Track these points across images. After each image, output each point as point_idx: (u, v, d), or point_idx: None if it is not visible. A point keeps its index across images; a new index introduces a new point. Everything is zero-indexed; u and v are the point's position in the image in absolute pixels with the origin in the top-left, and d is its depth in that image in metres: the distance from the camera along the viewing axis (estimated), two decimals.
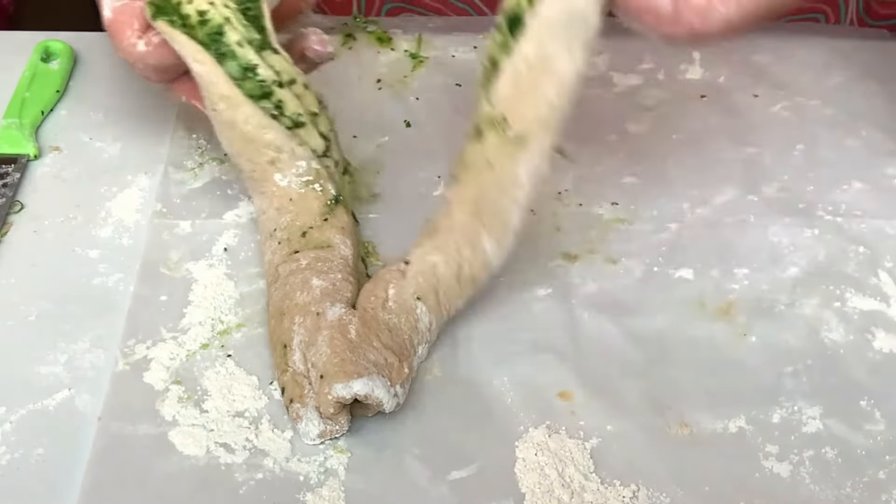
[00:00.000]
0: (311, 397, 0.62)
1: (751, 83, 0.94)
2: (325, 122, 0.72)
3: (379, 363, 0.62)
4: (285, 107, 0.69)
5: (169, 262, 0.72)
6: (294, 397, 0.63)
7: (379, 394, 0.60)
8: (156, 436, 0.61)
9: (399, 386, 0.62)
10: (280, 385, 0.64)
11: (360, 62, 0.93)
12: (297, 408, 0.62)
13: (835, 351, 0.69)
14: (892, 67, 0.96)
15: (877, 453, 0.63)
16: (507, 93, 0.61)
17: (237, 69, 0.67)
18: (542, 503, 0.59)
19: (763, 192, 0.81)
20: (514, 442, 0.63)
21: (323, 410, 0.61)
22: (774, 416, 0.65)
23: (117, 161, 0.80)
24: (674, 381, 0.67)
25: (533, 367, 0.67)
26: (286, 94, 0.69)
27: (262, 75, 0.68)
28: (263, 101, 0.68)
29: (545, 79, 0.60)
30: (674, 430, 0.64)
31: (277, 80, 0.68)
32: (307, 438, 0.62)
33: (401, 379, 0.63)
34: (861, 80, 0.94)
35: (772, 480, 0.62)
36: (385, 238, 0.76)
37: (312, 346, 0.63)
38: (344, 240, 0.70)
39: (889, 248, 0.77)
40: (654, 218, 0.79)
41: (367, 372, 0.61)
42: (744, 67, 0.95)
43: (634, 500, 0.60)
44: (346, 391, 0.60)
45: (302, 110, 0.70)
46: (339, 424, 0.62)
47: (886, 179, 0.83)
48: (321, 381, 0.61)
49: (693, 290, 0.73)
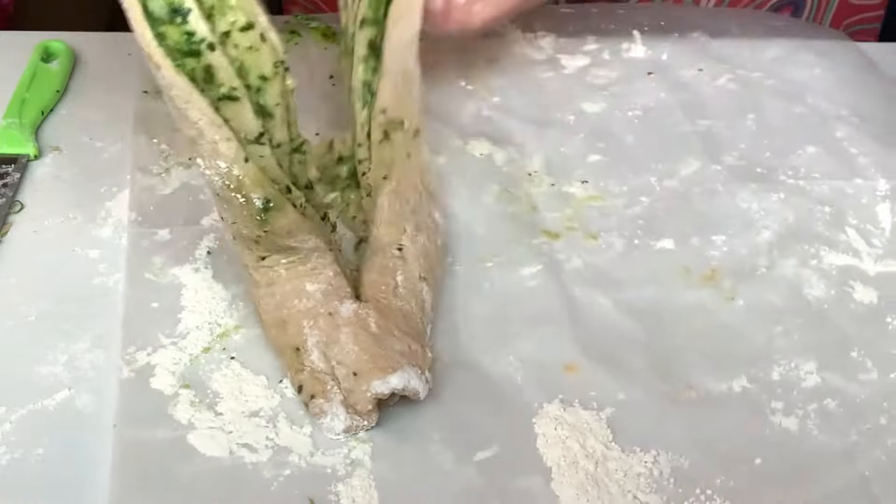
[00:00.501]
0: (334, 393, 0.61)
1: (693, 59, 0.97)
2: (275, 91, 0.61)
3: (405, 352, 0.62)
4: (216, 74, 0.57)
5: (153, 267, 0.71)
6: (316, 393, 0.62)
7: (415, 384, 0.61)
8: (174, 439, 0.60)
9: (427, 371, 0.62)
10: (295, 384, 0.64)
11: (308, 58, 0.93)
12: (320, 403, 0.62)
13: (819, 307, 0.72)
14: (823, 40, 1.01)
15: (874, 400, 0.66)
16: (391, 101, 0.67)
17: (162, 7, 0.55)
18: (569, 475, 0.60)
19: (725, 161, 0.84)
20: (532, 418, 0.63)
21: (361, 407, 0.61)
22: (774, 373, 0.67)
23: (117, 161, 0.78)
24: (672, 347, 0.69)
25: (535, 344, 0.68)
26: (219, 60, 0.57)
27: (193, 26, 0.56)
28: (188, 59, 0.57)
29: (411, 84, 0.68)
30: (681, 395, 0.66)
31: (211, 39, 0.57)
32: (332, 433, 0.62)
33: (427, 364, 0.63)
34: (797, 52, 0.98)
35: (782, 435, 0.64)
36: None
37: (334, 345, 0.62)
38: (303, 238, 0.65)
39: (851, 205, 0.80)
40: (626, 193, 0.81)
41: (399, 364, 0.61)
42: (684, 44, 0.98)
43: (656, 464, 0.61)
44: (384, 387, 0.60)
45: (237, 82, 0.58)
46: (369, 419, 0.61)
47: (837, 142, 0.87)
48: (355, 378, 0.61)
49: (676, 259, 0.75)
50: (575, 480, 0.59)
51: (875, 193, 0.82)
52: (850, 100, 0.93)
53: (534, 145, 0.85)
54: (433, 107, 0.88)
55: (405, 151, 0.71)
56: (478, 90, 0.90)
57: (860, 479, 0.61)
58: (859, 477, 0.62)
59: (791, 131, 0.88)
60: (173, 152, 0.80)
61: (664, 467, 0.61)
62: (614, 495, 0.59)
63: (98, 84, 0.87)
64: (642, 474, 0.60)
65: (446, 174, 0.81)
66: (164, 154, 0.80)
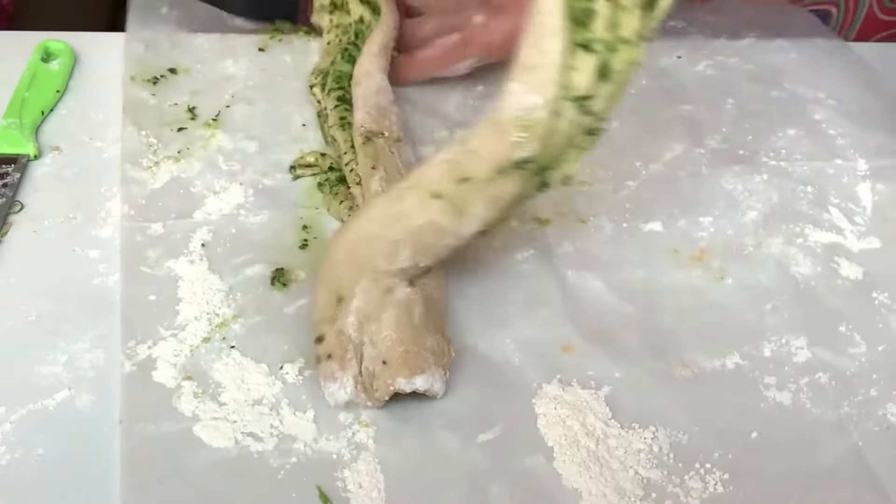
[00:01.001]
0: (352, 365, 0.62)
1: (671, 46, 0.98)
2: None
3: (435, 350, 0.62)
4: None
5: (148, 260, 0.71)
6: (334, 355, 0.62)
7: (437, 387, 0.62)
8: (180, 432, 0.60)
9: (447, 370, 0.63)
10: (319, 332, 0.64)
11: (292, 51, 0.93)
12: (333, 368, 0.62)
13: (806, 284, 0.74)
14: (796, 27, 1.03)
15: (864, 373, 0.68)
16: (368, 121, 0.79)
17: None
18: (570, 454, 0.61)
19: (708, 145, 0.86)
20: (531, 399, 0.64)
21: (378, 395, 0.61)
22: (765, 350, 0.69)
23: (117, 161, 0.78)
24: (665, 326, 0.70)
25: (532, 326, 0.69)
26: None
27: None
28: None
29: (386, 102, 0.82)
30: (677, 372, 0.67)
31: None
32: (331, 400, 0.62)
33: (449, 363, 0.64)
34: (771, 40, 1.00)
35: (776, 409, 0.65)
36: None
37: (375, 322, 0.63)
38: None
39: (833, 185, 0.82)
40: (612, 178, 0.82)
41: (428, 365, 0.61)
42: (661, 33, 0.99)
43: (655, 440, 0.62)
44: (408, 386, 0.61)
45: None
46: (375, 404, 0.62)
47: (816, 124, 0.89)
48: (383, 367, 0.61)
49: (664, 241, 0.76)
50: (577, 458, 0.61)
51: (855, 173, 0.84)
52: (826, 83, 0.94)
53: None
54: (418, 99, 0.89)
55: (388, 150, 0.75)
56: (462, 79, 0.91)
57: (853, 449, 0.63)
58: (853, 447, 0.63)
59: (770, 114, 0.90)
60: (161, 145, 0.80)
61: (663, 443, 0.62)
62: (616, 471, 0.60)
63: (98, 84, 0.87)
64: (642, 450, 0.62)
65: None
66: (152, 147, 0.80)
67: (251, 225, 0.74)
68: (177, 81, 0.88)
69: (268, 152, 0.81)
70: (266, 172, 0.79)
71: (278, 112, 0.86)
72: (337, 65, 0.86)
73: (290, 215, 0.76)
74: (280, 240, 0.73)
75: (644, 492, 0.59)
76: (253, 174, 0.79)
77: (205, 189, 0.77)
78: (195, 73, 0.89)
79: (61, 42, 0.88)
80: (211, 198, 0.77)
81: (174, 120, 0.83)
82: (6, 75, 0.85)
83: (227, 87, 0.88)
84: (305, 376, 0.64)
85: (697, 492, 0.60)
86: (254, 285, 0.70)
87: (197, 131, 0.82)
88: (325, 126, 0.83)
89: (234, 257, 0.72)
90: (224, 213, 0.75)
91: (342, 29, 0.90)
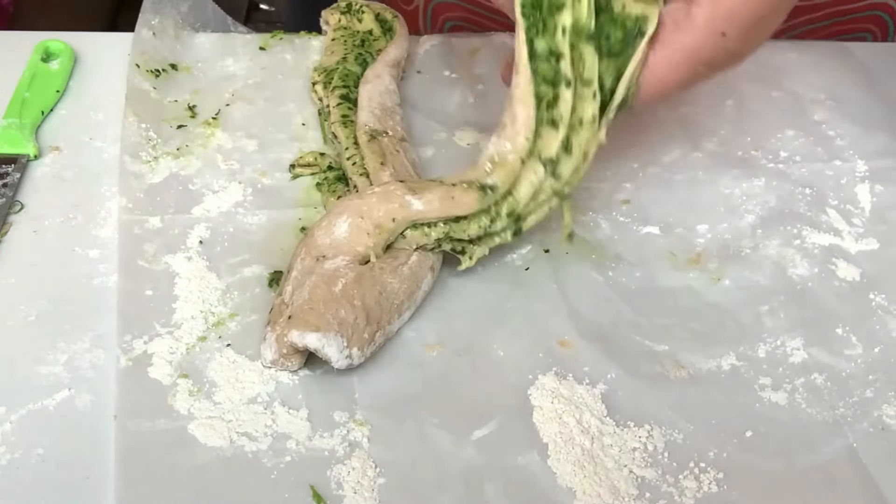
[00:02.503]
0: (281, 326, 0.64)
1: None
2: (584, 137, 0.69)
3: (346, 322, 0.63)
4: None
5: (146, 254, 0.71)
6: (272, 320, 0.66)
7: (329, 351, 0.63)
8: (175, 430, 0.61)
9: (357, 348, 0.64)
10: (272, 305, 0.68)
11: (293, 49, 0.94)
12: (266, 330, 0.65)
13: (803, 285, 0.74)
14: None
15: (860, 374, 0.68)
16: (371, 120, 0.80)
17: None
18: (565, 452, 0.62)
19: (706, 148, 0.86)
20: (528, 389, 0.65)
21: (278, 347, 0.64)
22: (760, 350, 0.69)
23: (117, 161, 0.78)
24: (662, 327, 0.70)
25: (530, 320, 0.70)
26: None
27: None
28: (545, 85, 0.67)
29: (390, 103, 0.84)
30: (673, 373, 0.67)
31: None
32: (262, 361, 0.65)
33: (360, 343, 0.64)
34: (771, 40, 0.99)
35: (772, 409, 0.66)
36: None
37: (301, 288, 0.65)
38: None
39: (831, 187, 0.82)
40: (609, 178, 0.82)
41: (328, 328, 0.63)
42: None
43: (650, 439, 0.63)
44: (299, 339, 0.62)
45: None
46: (290, 362, 0.65)
47: (815, 125, 0.89)
48: (288, 321, 0.64)
49: (662, 243, 0.77)
50: (571, 457, 0.61)
51: (854, 174, 0.84)
52: (825, 84, 0.94)
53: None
54: (418, 99, 0.89)
55: (394, 149, 0.76)
56: (462, 79, 0.91)
57: (848, 449, 0.63)
58: (847, 448, 0.63)
59: (770, 115, 0.89)
60: (161, 141, 0.81)
61: (658, 442, 0.63)
62: (610, 470, 0.61)
63: (98, 84, 0.87)
64: (637, 449, 0.62)
65: (434, 166, 0.82)
66: (152, 142, 0.81)
67: (249, 225, 0.75)
68: (177, 78, 0.88)
69: (267, 151, 0.82)
70: (265, 171, 0.80)
71: (278, 111, 0.86)
72: (348, 64, 0.86)
73: (288, 216, 0.76)
74: (278, 241, 0.74)
75: (638, 491, 0.60)
76: (252, 173, 0.80)
77: (203, 187, 0.78)
78: (196, 71, 0.90)
79: (61, 42, 0.89)
80: (209, 195, 0.77)
81: (174, 117, 0.84)
82: (6, 75, 0.85)
83: (228, 85, 0.89)
84: (300, 376, 0.65)
85: (692, 491, 0.60)
86: (251, 285, 0.71)
87: (196, 129, 0.83)
88: (326, 123, 0.83)
89: (231, 256, 0.73)
90: (222, 210, 0.76)
91: (349, 32, 0.91)
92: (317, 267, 0.66)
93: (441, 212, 0.69)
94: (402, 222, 0.69)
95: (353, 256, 0.67)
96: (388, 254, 0.69)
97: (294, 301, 0.65)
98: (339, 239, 0.67)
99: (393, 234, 0.69)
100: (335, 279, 0.65)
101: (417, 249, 0.69)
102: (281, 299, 0.66)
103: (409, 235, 0.69)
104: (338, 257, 0.66)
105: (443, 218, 0.69)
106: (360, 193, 0.71)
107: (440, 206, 0.69)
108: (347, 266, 0.66)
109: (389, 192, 0.69)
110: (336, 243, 0.67)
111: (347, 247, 0.67)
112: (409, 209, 0.69)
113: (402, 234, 0.69)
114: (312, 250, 0.67)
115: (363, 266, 0.67)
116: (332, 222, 0.68)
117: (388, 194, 0.69)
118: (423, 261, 0.69)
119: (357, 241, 0.67)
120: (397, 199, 0.69)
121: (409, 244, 0.69)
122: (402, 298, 0.68)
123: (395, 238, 0.69)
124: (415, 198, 0.69)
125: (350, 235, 0.67)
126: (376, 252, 0.68)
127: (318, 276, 0.65)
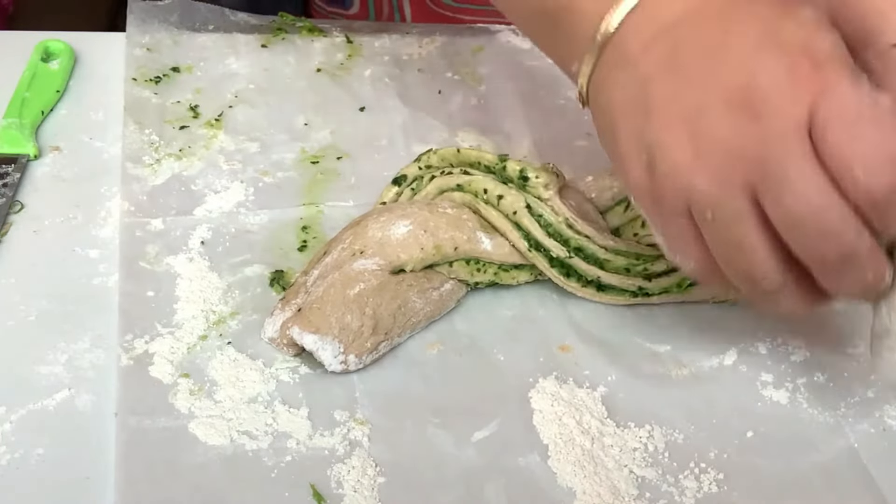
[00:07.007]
0: (291, 308, 0.66)
1: None
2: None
3: (349, 328, 0.63)
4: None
5: (147, 256, 0.71)
6: (286, 297, 0.67)
7: (323, 355, 0.63)
8: (176, 428, 0.61)
9: (354, 356, 0.64)
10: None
11: (295, 50, 0.94)
12: (278, 306, 0.67)
13: None
14: None
15: (862, 374, 0.68)
16: None
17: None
18: (566, 452, 0.61)
19: None
20: (528, 392, 0.65)
21: (281, 331, 0.65)
22: (761, 348, 0.69)
23: (117, 161, 0.78)
24: (661, 327, 0.70)
25: (530, 325, 0.70)
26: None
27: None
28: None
29: None
30: (674, 372, 0.67)
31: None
32: (262, 334, 0.67)
33: (359, 350, 0.64)
34: None
35: (773, 407, 0.65)
36: None
37: (322, 280, 0.65)
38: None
39: None
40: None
41: (327, 332, 0.63)
42: None
43: (651, 438, 0.63)
44: (298, 337, 0.64)
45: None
46: (285, 350, 0.66)
47: None
48: (296, 314, 0.65)
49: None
50: (571, 457, 0.61)
51: None
52: None
53: (521, 132, 0.87)
54: (420, 100, 0.89)
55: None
56: (464, 80, 0.91)
57: (849, 450, 0.63)
58: (848, 448, 0.63)
59: None
60: (163, 143, 0.81)
61: (658, 442, 0.63)
62: (611, 470, 0.60)
63: (98, 84, 0.87)
64: (637, 449, 0.62)
65: None
66: (154, 145, 0.81)
67: (251, 225, 0.75)
68: (179, 79, 0.88)
69: (269, 151, 0.82)
70: (267, 171, 0.80)
71: (280, 111, 0.86)
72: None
73: (290, 215, 0.76)
74: (279, 241, 0.74)
75: (638, 491, 0.60)
76: (254, 172, 0.80)
77: (205, 188, 0.78)
78: (198, 70, 0.89)
79: (61, 42, 0.89)
80: (211, 196, 0.77)
81: (176, 118, 0.84)
82: (6, 75, 0.85)
83: (230, 85, 0.88)
84: (301, 374, 0.65)
85: (692, 491, 0.60)
86: (252, 284, 0.71)
87: (199, 130, 0.83)
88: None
89: (233, 256, 0.73)
90: (224, 210, 0.76)
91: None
92: (347, 262, 0.66)
93: (504, 258, 0.69)
94: (461, 254, 0.68)
95: (389, 262, 0.66)
96: (422, 272, 0.68)
97: (311, 291, 0.65)
98: (390, 239, 0.67)
99: (444, 260, 0.68)
100: (355, 282, 0.65)
101: (454, 279, 0.69)
102: (304, 279, 0.66)
103: (455, 266, 0.69)
104: (374, 258, 0.66)
105: (502, 263, 0.70)
106: (431, 206, 0.70)
107: (508, 253, 0.69)
108: (375, 271, 0.66)
109: (462, 221, 0.69)
110: (384, 242, 0.67)
111: (392, 250, 0.67)
112: (475, 245, 0.68)
113: (449, 262, 0.69)
114: (357, 240, 0.67)
115: (392, 276, 0.66)
116: (392, 221, 0.68)
117: (460, 222, 0.68)
118: (455, 291, 0.69)
119: (406, 250, 0.67)
120: (468, 231, 0.68)
121: (449, 273, 0.69)
122: (421, 318, 0.67)
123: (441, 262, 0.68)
124: (486, 236, 0.69)
125: (403, 241, 0.67)
126: (414, 267, 0.67)
127: (341, 274, 0.65)
